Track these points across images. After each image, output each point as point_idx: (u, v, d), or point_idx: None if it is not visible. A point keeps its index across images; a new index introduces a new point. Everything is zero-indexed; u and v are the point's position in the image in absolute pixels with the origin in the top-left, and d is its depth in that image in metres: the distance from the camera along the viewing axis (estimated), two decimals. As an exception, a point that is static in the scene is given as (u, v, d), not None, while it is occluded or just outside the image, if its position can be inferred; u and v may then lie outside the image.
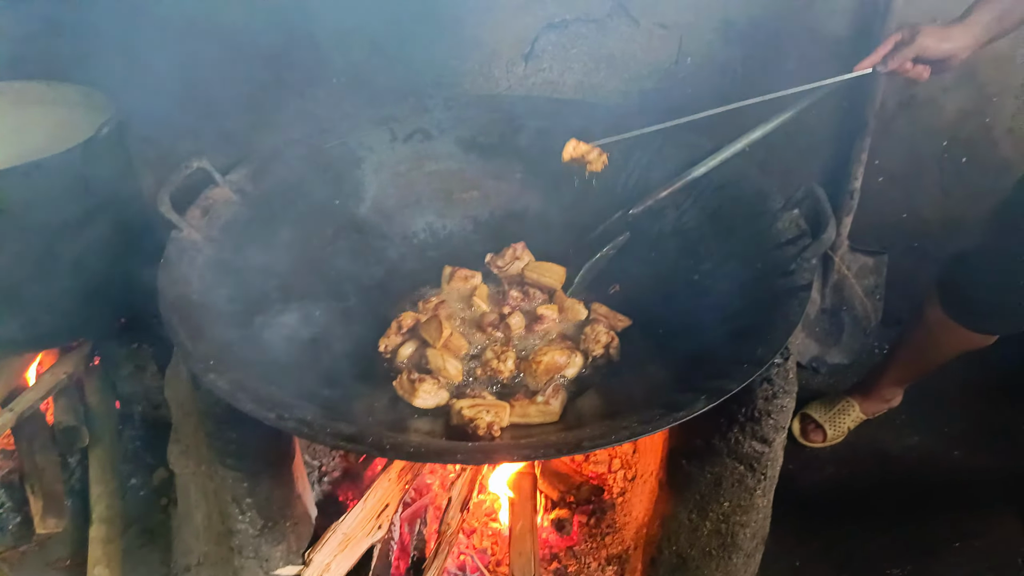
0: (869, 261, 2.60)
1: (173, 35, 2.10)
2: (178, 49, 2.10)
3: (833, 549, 2.10)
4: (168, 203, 1.47)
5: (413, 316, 1.67)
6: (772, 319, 1.28)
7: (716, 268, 1.58)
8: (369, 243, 1.85)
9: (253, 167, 1.72)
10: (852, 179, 2.40)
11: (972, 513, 2.18)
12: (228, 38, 2.11)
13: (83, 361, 2.19)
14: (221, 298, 1.44)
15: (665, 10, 2.15)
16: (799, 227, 1.47)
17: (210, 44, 2.11)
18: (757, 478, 1.32)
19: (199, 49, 2.12)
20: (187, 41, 2.11)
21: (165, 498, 2.08)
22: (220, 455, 1.41)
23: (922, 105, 2.34)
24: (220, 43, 2.11)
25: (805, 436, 2.39)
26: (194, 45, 2.11)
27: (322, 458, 1.95)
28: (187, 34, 2.10)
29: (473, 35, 2.18)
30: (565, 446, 1.08)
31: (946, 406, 2.53)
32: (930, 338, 2.07)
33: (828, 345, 2.68)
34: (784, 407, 1.30)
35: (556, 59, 2.23)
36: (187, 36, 2.10)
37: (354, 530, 1.59)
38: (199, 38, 2.12)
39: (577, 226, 1.82)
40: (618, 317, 1.66)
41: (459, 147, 1.94)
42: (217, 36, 2.10)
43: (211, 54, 2.12)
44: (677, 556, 1.45)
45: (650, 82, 2.27)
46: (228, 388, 1.17)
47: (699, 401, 1.10)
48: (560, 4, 2.14)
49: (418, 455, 1.08)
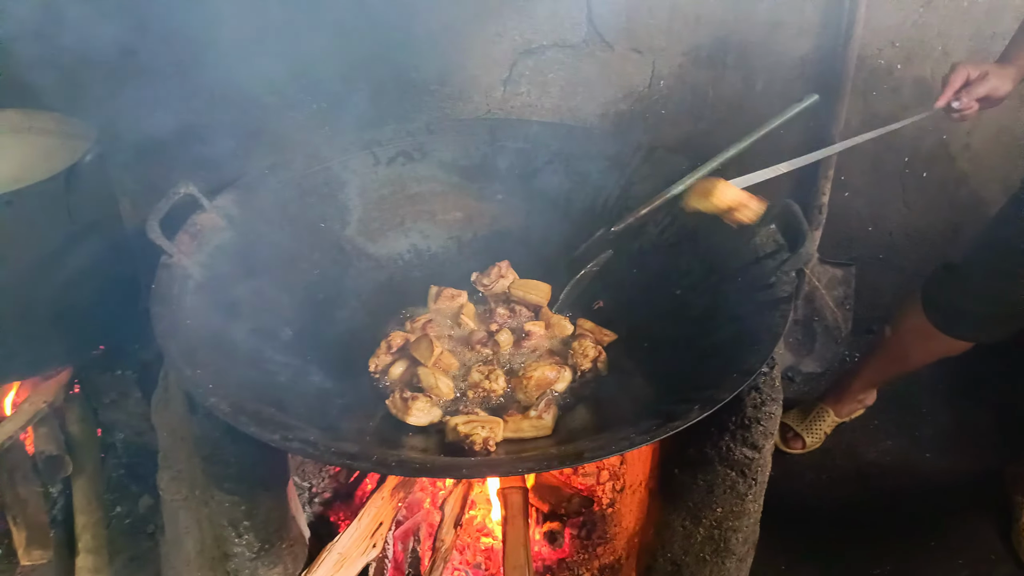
0: (838, 272, 2.69)
1: (151, 62, 2.11)
2: (157, 76, 2.11)
3: (817, 552, 2.15)
4: (157, 229, 1.47)
5: (402, 335, 1.69)
6: (756, 330, 1.33)
7: (698, 283, 1.63)
8: (355, 265, 1.87)
9: (239, 192, 1.73)
10: (820, 194, 2.49)
11: (946, 512, 2.26)
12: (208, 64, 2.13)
13: (63, 389, 2.17)
14: (213, 323, 1.45)
15: (638, 35, 2.22)
16: (776, 242, 1.53)
17: (189, 70, 2.12)
18: (748, 484, 1.36)
19: (178, 76, 2.13)
20: (165, 68, 2.12)
21: (152, 525, 2.05)
22: (217, 479, 1.41)
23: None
24: (200, 69, 2.12)
25: (785, 443, 2.46)
26: (173, 72, 2.13)
27: (312, 479, 1.95)
28: (165, 61, 2.11)
29: (453, 61, 2.23)
30: (567, 457, 1.11)
31: (917, 411, 2.63)
32: (909, 346, 2.15)
33: (802, 354, 2.76)
34: (772, 414, 1.35)
35: (534, 83, 2.29)
36: (165, 63, 2.12)
37: (349, 549, 1.60)
38: (177, 65, 2.13)
39: (560, 244, 1.86)
40: (604, 332, 1.70)
41: (441, 169, 1.98)
42: (196, 63, 2.11)
43: (190, 81, 2.13)
44: (672, 563, 1.49)
45: (625, 104, 2.34)
46: (230, 411, 1.18)
47: (693, 411, 1.14)
48: (537, 31, 2.20)
49: (424, 471, 1.11)
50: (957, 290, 1.96)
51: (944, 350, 2.07)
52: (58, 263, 1.94)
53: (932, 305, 2.02)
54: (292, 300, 1.68)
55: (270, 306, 1.61)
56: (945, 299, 1.99)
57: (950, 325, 1.99)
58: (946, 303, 1.99)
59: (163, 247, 1.47)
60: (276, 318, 1.60)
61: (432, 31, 2.17)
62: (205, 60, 2.11)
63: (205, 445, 1.39)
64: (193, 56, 2.10)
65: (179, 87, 2.10)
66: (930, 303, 2.02)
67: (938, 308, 2.01)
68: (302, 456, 1.41)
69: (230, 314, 1.49)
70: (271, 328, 1.57)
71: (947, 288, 1.99)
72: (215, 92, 2.16)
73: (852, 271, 2.70)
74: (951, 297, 1.97)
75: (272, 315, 1.60)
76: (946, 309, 1.99)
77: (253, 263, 1.64)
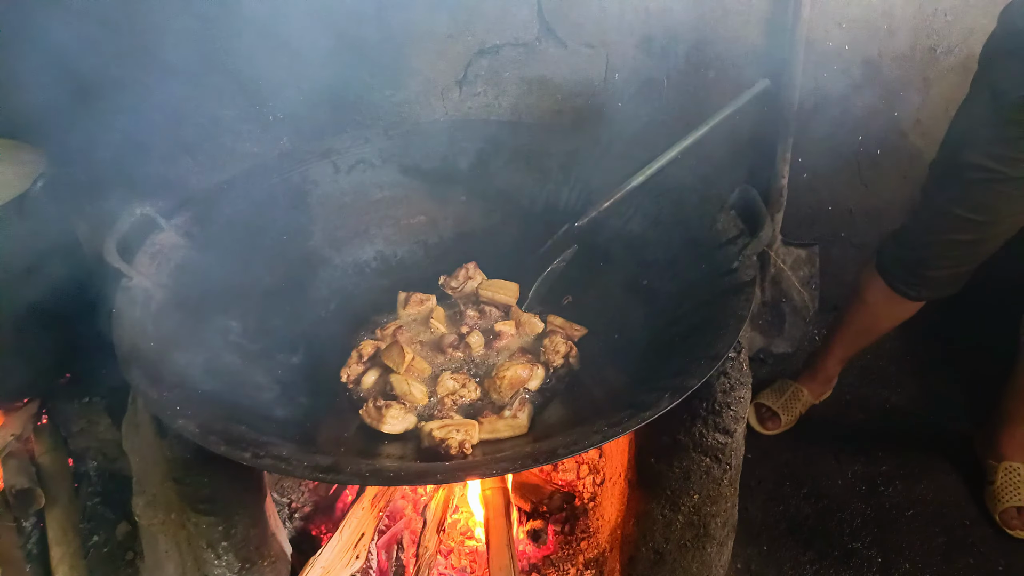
0: (802, 253, 2.73)
1: (99, 82, 2.07)
2: (106, 96, 2.07)
3: (798, 529, 2.19)
4: (115, 252, 1.45)
5: (373, 344, 1.69)
6: (722, 316, 1.34)
7: (663, 271, 1.65)
8: (321, 275, 1.85)
9: (198, 210, 1.71)
10: (780, 177, 2.52)
11: (920, 481, 2.31)
12: (159, 82, 2.10)
13: (31, 420, 2.12)
14: (178, 343, 1.43)
15: (590, 31, 2.23)
16: (737, 227, 1.55)
17: (140, 89, 2.09)
18: (723, 468, 1.38)
19: (129, 96, 2.10)
20: (115, 88, 2.09)
21: (131, 552, 2.02)
22: (191, 501, 1.39)
23: (835, 104, 2.48)
24: (150, 88, 2.09)
25: (762, 424, 2.49)
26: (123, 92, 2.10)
27: (291, 494, 1.93)
28: (114, 81, 2.08)
29: (407, 65, 2.22)
30: (541, 455, 1.11)
31: (887, 383, 2.67)
32: (873, 315, 2.23)
33: (772, 336, 2.79)
34: (742, 398, 1.37)
35: (490, 83, 2.29)
36: (114, 83, 2.08)
37: (332, 563, 1.59)
38: (127, 84, 2.10)
39: (525, 242, 1.86)
40: (574, 327, 1.71)
41: (402, 174, 1.97)
42: (147, 80, 2.08)
43: (141, 99, 2.10)
44: (654, 552, 1.50)
45: (581, 99, 2.35)
46: (199, 431, 1.17)
47: (663, 400, 1.15)
48: (489, 30, 2.20)
49: (398, 479, 1.10)
50: (904, 254, 2.06)
51: (903, 313, 2.17)
52: (16, 292, 1.90)
53: (885, 271, 2.12)
54: (258, 315, 1.67)
55: (236, 323, 1.60)
56: (895, 264, 2.09)
57: (905, 287, 2.09)
58: (897, 267, 2.09)
59: (122, 270, 1.45)
60: (242, 335, 1.59)
61: (384, 35, 2.15)
62: (156, 78, 2.08)
63: (177, 467, 1.37)
64: (143, 74, 2.07)
65: (130, 106, 2.07)
66: (883, 269, 2.13)
67: (891, 273, 2.10)
68: (275, 472, 1.40)
69: (195, 333, 1.48)
70: (238, 345, 1.56)
71: (895, 253, 2.09)
72: (167, 110, 2.13)
73: (816, 251, 2.74)
74: (900, 261, 2.07)
75: (238, 332, 1.58)
76: (898, 273, 2.09)
77: (216, 280, 1.62)
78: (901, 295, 2.10)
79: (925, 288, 2.06)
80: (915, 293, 2.08)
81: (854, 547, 2.14)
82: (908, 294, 2.09)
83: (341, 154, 1.93)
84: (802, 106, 2.43)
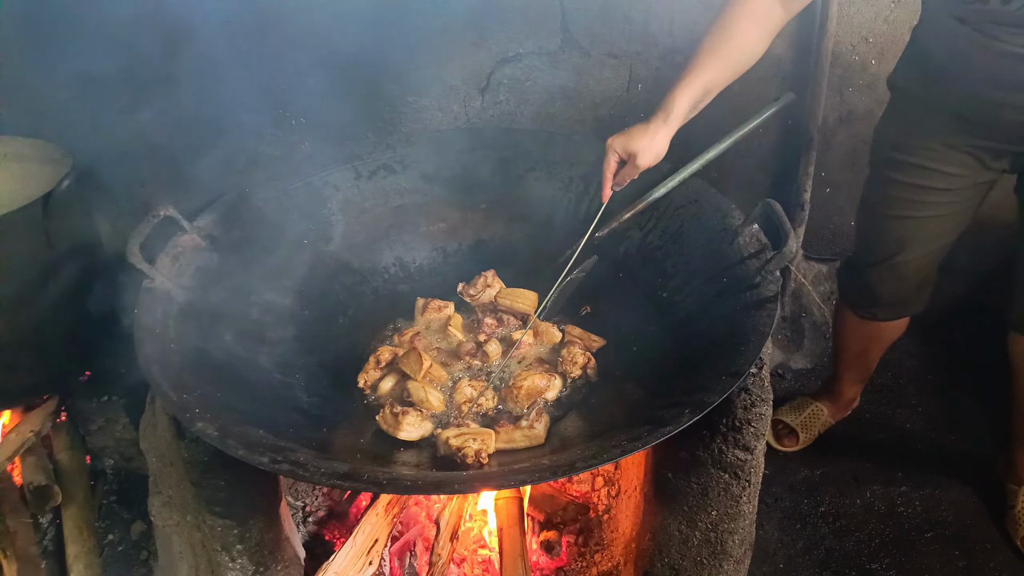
0: (823, 268, 2.71)
1: (127, 85, 2.09)
2: (132, 98, 2.09)
3: (814, 548, 2.16)
4: (138, 253, 1.46)
5: (390, 350, 1.68)
6: (744, 331, 1.33)
7: (683, 285, 1.64)
8: (340, 280, 1.86)
9: (220, 212, 1.72)
10: (802, 191, 2.50)
11: (941, 503, 2.27)
12: (184, 84, 2.11)
13: (49, 418, 2.14)
14: (198, 346, 1.44)
15: (614, 41, 2.23)
16: (760, 241, 1.54)
17: (166, 92, 2.11)
18: (742, 485, 1.36)
19: (154, 98, 2.12)
20: (142, 90, 2.11)
21: (145, 552, 2.03)
22: (208, 503, 1.39)
23: (860, 119, 2.46)
24: (177, 90, 2.11)
25: (779, 441, 2.46)
26: (149, 94, 2.11)
27: (305, 498, 1.93)
28: (141, 84, 2.09)
29: (430, 72, 2.23)
30: (560, 468, 1.10)
31: (907, 402, 2.63)
32: (852, 339, 2.26)
33: (791, 351, 2.77)
34: (763, 415, 1.35)
35: (512, 92, 2.29)
36: (141, 86, 2.10)
37: (345, 568, 1.59)
38: (154, 87, 2.12)
39: (545, 252, 1.86)
40: (592, 338, 1.70)
41: (423, 181, 1.98)
42: (172, 83, 2.10)
43: (167, 101, 2.12)
44: (670, 568, 1.48)
45: (604, 109, 2.34)
46: (218, 435, 1.17)
47: (684, 415, 1.14)
48: (512, 39, 2.20)
49: (415, 488, 1.10)
50: (858, 280, 2.08)
51: (884, 333, 2.18)
52: (39, 290, 1.92)
53: (848, 299, 2.16)
54: (277, 320, 1.67)
55: (255, 327, 1.60)
56: (855, 291, 2.12)
57: (862, 310, 2.12)
58: (857, 294, 2.11)
59: (144, 271, 1.46)
60: (261, 339, 1.59)
61: (409, 43, 2.16)
62: (182, 81, 2.10)
63: (195, 469, 1.37)
64: (170, 77, 2.09)
65: (154, 109, 2.08)
66: (843, 295, 2.19)
67: (854, 301, 2.14)
68: (292, 478, 1.40)
69: (215, 336, 1.48)
70: (257, 349, 1.56)
71: (852, 280, 2.12)
72: (192, 113, 2.14)
73: (836, 266, 2.71)
74: (858, 288, 2.09)
75: (257, 336, 1.59)
76: (859, 299, 2.12)
77: (236, 284, 1.63)
78: (862, 318, 2.12)
79: (880, 308, 2.08)
80: (870, 314, 2.10)
81: (872, 568, 2.10)
82: (866, 316, 2.11)
83: (363, 159, 1.94)
84: (826, 120, 2.41)
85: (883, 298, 2.04)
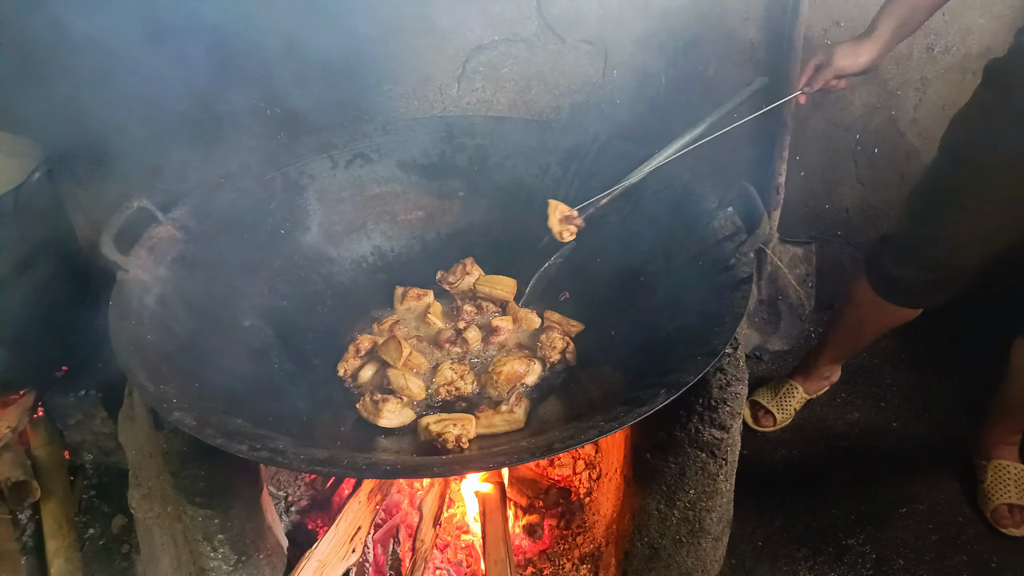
0: (799, 251, 2.73)
1: (98, 75, 2.07)
2: (103, 89, 2.07)
3: (792, 526, 2.19)
4: (111, 245, 1.45)
5: (370, 338, 1.69)
6: (718, 312, 1.35)
7: (660, 268, 1.65)
8: (319, 270, 1.85)
9: (195, 203, 1.70)
10: (776, 175, 2.52)
11: (914, 480, 2.32)
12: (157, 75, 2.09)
13: (26, 413, 2.12)
14: (175, 336, 1.43)
15: (589, 27, 2.23)
16: (734, 224, 1.55)
17: (138, 82, 2.08)
18: (719, 464, 1.38)
19: (125, 87, 2.09)
20: (113, 80, 2.08)
21: (127, 545, 2.02)
22: (188, 494, 1.39)
23: (833, 103, 2.49)
24: (149, 80, 2.08)
25: (756, 422, 2.50)
26: (120, 84, 2.09)
27: (287, 488, 1.93)
28: (112, 73, 2.07)
29: (405, 60, 2.22)
30: (537, 450, 1.11)
31: (881, 383, 2.68)
32: (861, 317, 2.21)
33: (768, 333, 2.80)
34: (738, 394, 1.37)
35: (488, 79, 2.29)
36: (112, 75, 2.07)
37: (328, 556, 1.60)
38: (125, 76, 2.09)
39: (523, 238, 1.87)
40: (571, 323, 1.72)
41: (400, 169, 1.97)
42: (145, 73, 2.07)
43: (139, 91, 2.09)
44: (649, 547, 1.51)
45: (580, 96, 2.35)
46: (195, 424, 1.17)
47: (660, 395, 1.15)
48: (488, 26, 2.20)
49: (395, 472, 1.10)
50: (893, 261, 2.03)
51: (895, 319, 2.14)
52: (12, 284, 1.90)
53: (875, 277, 2.09)
54: (256, 309, 1.66)
55: (233, 317, 1.60)
56: (885, 270, 2.06)
57: (894, 294, 2.07)
58: (886, 274, 2.06)
59: (118, 263, 1.45)
60: (240, 328, 1.58)
61: (382, 31, 2.15)
62: (154, 72, 2.07)
63: (173, 460, 1.37)
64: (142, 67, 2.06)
65: (127, 100, 2.06)
66: (873, 275, 2.10)
67: (880, 280, 2.08)
68: (271, 465, 1.40)
69: (192, 327, 1.47)
70: (235, 338, 1.56)
71: (885, 260, 2.06)
72: (164, 104, 2.12)
73: (812, 249, 2.75)
74: (890, 268, 2.04)
75: (235, 325, 1.58)
76: (887, 280, 2.07)
77: (213, 274, 1.62)
78: (889, 301, 2.09)
79: (911, 296, 2.05)
80: (902, 300, 2.07)
81: (848, 543, 2.14)
82: (895, 300, 2.08)
83: (339, 149, 1.93)
84: (799, 105, 2.43)
85: (917, 286, 2.00)
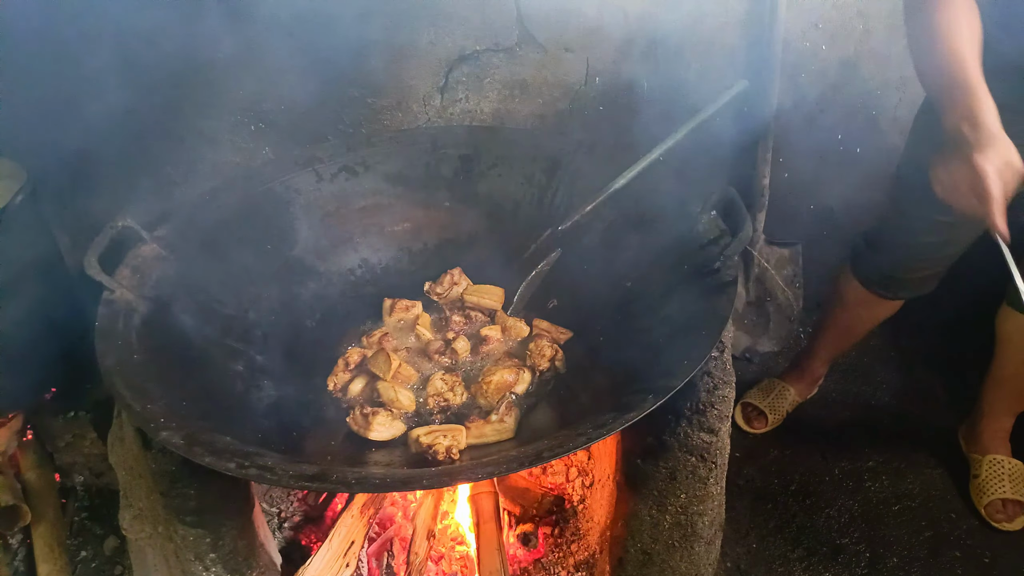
0: (785, 252, 2.75)
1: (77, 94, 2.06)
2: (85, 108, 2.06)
3: (786, 526, 2.20)
4: (96, 265, 1.45)
5: (359, 352, 1.69)
6: (704, 316, 1.36)
7: (646, 274, 1.66)
8: (306, 284, 1.85)
9: (180, 220, 1.70)
10: (761, 178, 2.54)
11: (907, 477, 2.33)
12: (140, 92, 2.09)
13: (15, 436, 2.10)
14: (162, 355, 1.42)
15: (570, 35, 2.24)
16: (719, 227, 1.56)
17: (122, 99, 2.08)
18: (709, 467, 1.39)
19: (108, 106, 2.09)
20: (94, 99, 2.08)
21: (120, 567, 2.01)
22: (178, 513, 1.38)
23: (814, 103, 2.51)
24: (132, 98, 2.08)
25: (749, 423, 2.50)
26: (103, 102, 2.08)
27: (280, 504, 1.92)
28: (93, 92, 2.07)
29: (388, 72, 2.22)
30: (526, 459, 1.11)
31: (872, 380, 2.69)
32: (850, 314, 2.25)
33: (757, 335, 2.81)
34: (726, 397, 1.38)
35: (471, 89, 2.29)
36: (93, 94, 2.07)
37: (322, 571, 1.59)
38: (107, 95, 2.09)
39: (510, 247, 1.87)
40: (560, 330, 1.72)
41: (386, 181, 1.97)
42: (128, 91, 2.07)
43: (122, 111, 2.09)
44: (642, 553, 1.51)
45: (563, 103, 2.36)
46: (183, 443, 1.16)
47: (647, 401, 1.16)
48: (469, 36, 2.20)
49: (384, 486, 1.10)
50: (877, 257, 2.08)
51: (883, 312, 2.20)
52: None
53: (860, 273, 2.14)
54: (243, 326, 1.66)
55: (219, 334, 1.59)
56: (870, 266, 2.11)
57: (881, 289, 2.12)
58: (871, 269, 2.11)
59: (104, 283, 1.45)
60: (227, 346, 1.58)
61: (365, 43, 2.16)
62: (136, 89, 2.07)
63: (163, 480, 1.37)
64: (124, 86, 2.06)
65: (110, 118, 2.05)
66: (858, 272, 2.15)
67: (866, 275, 2.13)
68: (260, 482, 1.40)
69: (178, 345, 1.47)
70: (223, 356, 1.55)
71: (868, 256, 2.11)
72: (148, 121, 2.12)
73: (799, 250, 2.76)
74: (874, 263, 2.09)
75: (222, 343, 1.58)
76: (873, 275, 2.11)
77: (199, 292, 1.62)
78: (877, 296, 2.13)
79: (901, 288, 2.09)
80: (891, 294, 2.11)
81: (842, 543, 2.15)
82: (884, 295, 2.12)
83: (324, 162, 1.93)
84: (781, 106, 2.44)
85: (909, 279, 2.04)
